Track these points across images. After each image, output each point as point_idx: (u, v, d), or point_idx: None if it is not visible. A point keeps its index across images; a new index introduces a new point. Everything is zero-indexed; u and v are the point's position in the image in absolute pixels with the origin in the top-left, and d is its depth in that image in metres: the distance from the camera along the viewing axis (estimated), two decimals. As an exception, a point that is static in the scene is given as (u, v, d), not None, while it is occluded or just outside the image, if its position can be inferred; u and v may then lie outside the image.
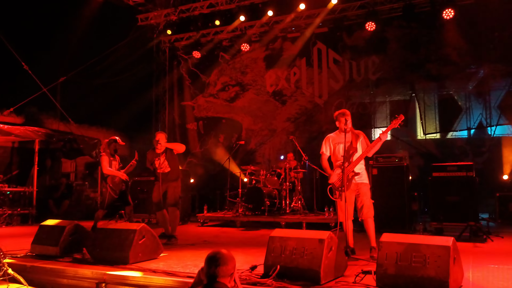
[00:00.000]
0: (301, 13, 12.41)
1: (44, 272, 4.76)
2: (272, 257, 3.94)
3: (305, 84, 13.96)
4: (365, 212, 5.15)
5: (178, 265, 4.70)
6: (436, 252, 3.40)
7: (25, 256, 5.34)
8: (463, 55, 11.58)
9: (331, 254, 3.81)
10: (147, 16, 13.36)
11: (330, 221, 8.27)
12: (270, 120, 14.47)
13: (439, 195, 7.37)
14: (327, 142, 5.55)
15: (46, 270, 4.76)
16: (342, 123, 5.33)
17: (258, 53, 14.15)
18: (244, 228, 8.82)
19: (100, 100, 13.01)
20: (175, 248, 5.97)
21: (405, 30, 12.16)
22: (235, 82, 14.86)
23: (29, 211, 10.29)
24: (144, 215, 10.23)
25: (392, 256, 3.54)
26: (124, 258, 4.73)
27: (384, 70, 12.70)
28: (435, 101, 12.45)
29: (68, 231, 5.33)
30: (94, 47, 12.93)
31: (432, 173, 7.54)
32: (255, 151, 14.62)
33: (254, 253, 5.48)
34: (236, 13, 12.21)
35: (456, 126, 12.15)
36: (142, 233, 4.96)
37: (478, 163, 11.02)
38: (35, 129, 10.36)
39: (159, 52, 14.13)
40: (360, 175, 5.20)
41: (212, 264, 2.74)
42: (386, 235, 3.74)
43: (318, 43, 13.66)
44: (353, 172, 5.15)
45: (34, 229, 8.21)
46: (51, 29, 13.03)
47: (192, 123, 15.59)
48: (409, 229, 7.58)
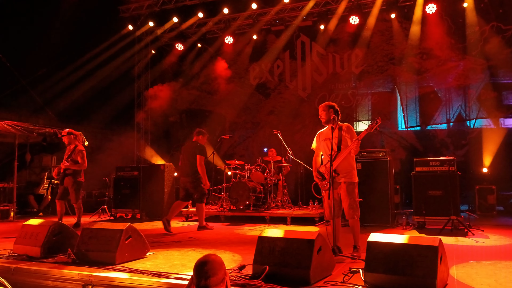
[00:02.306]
0: (286, 6, 12.37)
1: (28, 274, 4.67)
2: (261, 258, 3.94)
3: (289, 77, 13.99)
4: (348, 213, 5.06)
5: (165, 265, 4.67)
6: (423, 252, 3.45)
7: (8, 256, 5.22)
8: (444, 48, 11.75)
9: (320, 254, 3.84)
10: (129, 8, 13.09)
11: (315, 215, 8.33)
12: (254, 113, 14.48)
13: (421, 189, 7.50)
14: (316, 138, 5.45)
15: (30, 271, 4.67)
16: (322, 116, 5.19)
17: (242, 46, 14.08)
18: (229, 223, 8.82)
19: (81, 93, 12.75)
20: (161, 247, 5.93)
21: (388, 24, 12.27)
22: (218, 75, 14.78)
23: (9, 207, 10.08)
24: (127, 210, 10.14)
25: (380, 256, 3.58)
26: (111, 258, 4.68)
27: (367, 63, 12.83)
28: (416, 93, 12.61)
29: (52, 231, 5.22)
30: (74, 39, 12.63)
31: (415, 168, 7.65)
32: (239, 144, 14.62)
33: (241, 250, 5.49)
34: (219, 5, 12.07)
35: (436, 118, 12.34)
36: (128, 233, 4.90)
37: (459, 155, 11.25)
38: (14, 123, 10.10)
39: (141, 44, 13.89)
40: (342, 173, 5.05)
41: (202, 276, 2.71)
42: (374, 235, 3.78)
43: (301, 36, 13.68)
44: (334, 172, 4.98)
45: (15, 225, 8.13)
46: (30, 20, 12.68)
47: (175, 115, 15.47)
48: (392, 223, 7.70)
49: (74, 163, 8.10)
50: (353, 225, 5.10)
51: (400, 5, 11.60)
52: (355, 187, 5.12)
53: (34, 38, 12.42)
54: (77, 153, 8.12)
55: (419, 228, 7.40)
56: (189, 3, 12.49)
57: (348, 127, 5.22)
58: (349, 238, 5.30)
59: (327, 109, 5.19)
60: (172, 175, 10.23)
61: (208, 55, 14.66)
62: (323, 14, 12.20)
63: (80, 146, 8.27)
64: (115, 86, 13.59)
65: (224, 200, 9.49)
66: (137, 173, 10.13)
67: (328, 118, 5.17)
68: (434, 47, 11.82)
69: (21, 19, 12.90)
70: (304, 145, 12.17)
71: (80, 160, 8.09)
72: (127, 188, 10.10)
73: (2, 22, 12.56)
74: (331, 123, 5.11)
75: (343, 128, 5.18)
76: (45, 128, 10.97)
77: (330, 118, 5.14)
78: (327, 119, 5.18)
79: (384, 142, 12.42)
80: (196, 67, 14.84)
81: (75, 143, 8.27)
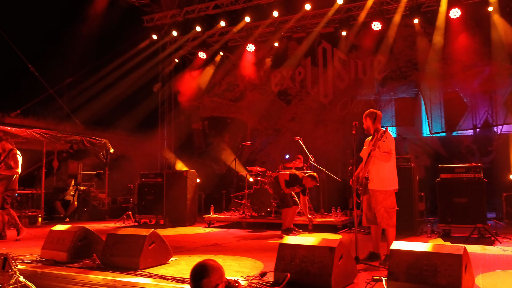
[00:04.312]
0: (307, 13, 12.40)
1: (54, 279, 4.79)
2: (282, 265, 3.95)
3: (310, 83, 13.97)
4: (379, 221, 5.03)
5: (187, 271, 4.66)
6: (447, 261, 3.39)
7: (35, 261, 5.37)
8: (469, 53, 11.55)
9: (342, 262, 3.82)
10: (153, 17, 13.38)
11: (337, 222, 8.26)
12: (275, 119, 14.50)
13: (447, 197, 7.34)
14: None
15: (57, 276, 4.79)
16: (364, 124, 5.30)
17: (263, 53, 14.15)
18: (251, 229, 8.83)
19: (107, 101, 13.05)
20: (184, 253, 6.00)
21: (411, 29, 12.13)
22: (240, 82, 14.89)
23: (37, 213, 10.35)
24: (151, 216, 10.27)
25: (403, 264, 3.54)
26: (134, 264, 4.76)
27: (390, 69, 12.71)
28: (440, 99, 12.40)
29: (78, 237, 5.34)
30: (100, 49, 12.97)
31: (440, 175, 7.51)
32: (260, 151, 14.65)
33: (263, 257, 5.49)
34: (241, 14, 12.18)
35: (462, 124, 12.11)
36: (151, 239, 4.98)
37: (485, 162, 10.98)
38: (42, 131, 10.40)
39: (165, 53, 14.16)
40: (372, 181, 5.03)
41: (195, 277, 2.75)
42: (397, 243, 3.74)
43: (323, 42, 13.66)
44: (364, 179, 5.01)
45: (43, 231, 8.33)
46: (57, 31, 13.07)
47: (198, 123, 15.63)
48: (417, 230, 7.58)
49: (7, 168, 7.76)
50: (386, 234, 5.06)
51: (423, 10, 11.47)
52: (389, 195, 5.06)
53: (61, 48, 12.80)
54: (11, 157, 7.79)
55: (444, 236, 7.26)
56: (211, 12, 12.67)
57: (381, 134, 5.11)
58: (370, 246, 5.26)
59: (365, 118, 5.30)
60: (195, 182, 10.33)
61: (230, 63, 14.79)
62: (344, 21, 12.16)
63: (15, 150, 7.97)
64: (139, 94, 13.89)
65: (245, 207, 9.51)
66: (161, 179, 10.24)
67: (366, 127, 5.28)
68: (458, 52, 11.61)
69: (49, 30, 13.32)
70: (326, 152, 12.14)
71: (13, 164, 7.78)
72: (151, 194, 10.23)
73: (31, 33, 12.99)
74: (371, 131, 5.23)
75: (378, 135, 5.13)
76: (72, 135, 11.25)
77: (368, 126, 5.24)
78: (365, 127, 5.29)
79: (408, 148, 12.22)
80: (218, 75, 14.99)
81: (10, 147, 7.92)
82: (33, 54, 11.61)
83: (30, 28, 13.12)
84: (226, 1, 12.53)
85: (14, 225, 7.84)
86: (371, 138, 5.26)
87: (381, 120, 5.39)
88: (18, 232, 7.77)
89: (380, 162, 5.01)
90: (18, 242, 7.40)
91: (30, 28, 13.12)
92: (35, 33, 13.15)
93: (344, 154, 10.52)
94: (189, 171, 10.24)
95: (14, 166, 7.78)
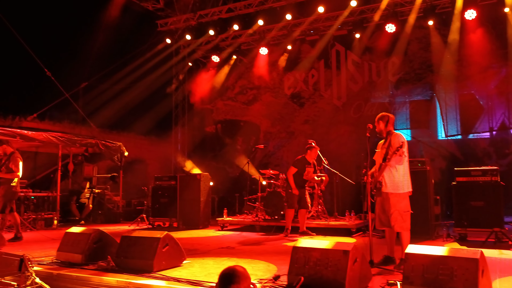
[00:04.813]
0: (320, 16, 12.38)
1: (70, 280, 4.83)
2: (296, 268, 3.93)
3: (324, 86, 13.92)
4: (393, 224, 4.98)
5: (201, 274, 4.72)
6: (463, 265, 3.33)
7: (51, 263, 5.43)
8: (485, 55, 11.39)
9: (356, 265, 3.78)
10: (167, 22, 13.51)
11: (351, 226, 8.20)
12: (288, 122, 14.47)
13: (463, 200, 7.24)
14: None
15: (72, 278, 4.83)
16: (376, 128, 5.28)
17: (276, 56, 14.17)
18: (264, 233, 8.81)
19: (121, 104, 13.21)
20: (197, 255, 6.01)
21: (426, 31, 12.02)
22: (253, 85, 14.93)
23: (53, 216, 10.48)
24: (165, 219, 10.32)
25: (419, 269, 3.49)
26: (148, 266, 4.78)
27: (404, 71, 12.60)
28: (456, 101, 12.25)
29: (92, 239, 5.39)
30: (115, 53, 13.15)
31: (456, 178, 7.42)
32: (273, 154, 14.63)
33: (276, 260, 5.47)
34: (254, 17, 12.22)
35: (478, 127, 11.93)
36: (165, 241, 4.99)
37: (502, 165, 10.80)
38: (58, 134, 10.52)
39: (178, 57, 14.28)
40: (386, 184, 5.00)
41: (224, 282, 2.73)
42: (412, 247, 3.69)
43: (336, 45, 13.61)
44: (379, 182, 5.00)
45: (58, 233, 8.40)
46: (73, 35, 13.29)
47: (211, 126, 15.70)
48: (432, 234, 7.48)
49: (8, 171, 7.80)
50: (401, 237, 5.02)
51: (438, 11, 11.36)
52: (403, 198, 5.03)
53: (77, 52, 13.01)
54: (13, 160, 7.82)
55: (460, 240, 7.15)
56: (224, 16, 12.74)
57: (393, 137, 5.13)
58: (385, 250, 5.20)
59: (377, 121, 5.28)
60: (208, 185, 10.36)
61: (243, 66, 14.84)
62: (358, 23, 12.10)
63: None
64: (154, 98, 14.03)
65: (259, 210, 9.50)
66: (174, 182, 10.30)
67: (379, 130, 5.26)
68: (474, 53, 11.46)
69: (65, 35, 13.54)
70: (340, 155, 12.07)
71: (14, 168, 7.79)
72: (165, 197, 10.28)
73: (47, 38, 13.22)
74: (383, 134, 5.23)
75: (391, 138, 5.13)
76: (87, 139, 11.38)
77: (381, 130, 5.24)
78: (378, 131, 5.27)
79: (423, 151, 12.09)
80: (232, 79, 15.05)
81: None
82: (50, 58, 11.80)
83: (47, 33, 13.35)
84: (239, 5, 12.59)
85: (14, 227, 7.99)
86: (383, 141, 5.24)
87: (394, 123, 5.36)
88: (15, 235, 7.87)
89: (393, 166, 4.99)
90: (34, 243, 7.50)
91: (46, 33, 13.36)
92: (51, 38, 13.38)
93: (358, 157, 10.44)
94: (203, 174, 10.28)
95: (15, 169, 7.80)
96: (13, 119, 12.01)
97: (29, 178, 11.21)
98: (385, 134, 5.21)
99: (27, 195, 10.03)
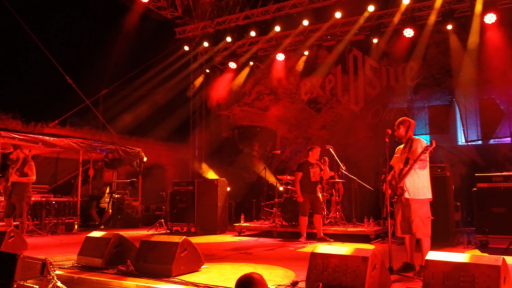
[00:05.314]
0: (337, 21, 12.38)
1: (90, 284, 4.90)
2: (314, 274, 3.92)
3: (341, 91, 13.87)
4: (414, 231, 4.92)
5: (219, 279, 4.74)
6: (485, 271, 3.28)
7: (71, 267, 5.51)
8: (505, 59, 11.21)
9: (375, 272, 3.76)
10: (185, 29, 13.69)
11: (370, 233, 8.12)
12: (305, 128, 14.45)
13: (484, 206, 7.11)
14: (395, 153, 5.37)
15: (92, 282, 4.90)
16: (396, 132, 5.23)
17: (293, 62, 14.19)
18: (282, 238, 8.79)
19: (140, 111, 13.41)
20: (215, 261, 6.03)
21: (444, 35, 11.90)
22: (270, 91, 14.97)
23: (73, 220, 10.66)
24: (183, 224, 10.39)
25: (439, 275, 3.45)
26: (167, 270, 4.82)
27: (422, 75, 12.48)
28: (476, 106, 12.06)
29: (112, 243, 5.46)
30: (134, 60, 13.36)
31: (477, 184, 7.30)
32: (290, 159, 14.61)
33: (294, 266, 5.46)
34: (271, 24, 12.28)
35: (499, 132, 11.72)
36: (184, 246, 5.03)
37: (525, 171, 10.57)
38: (79, 140, 10.72)
39: (196, 64, 14.44)
40: (408, 191, 4.94)
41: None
42: (433, 253, 3.65)
43: (354, 50, 13.57)
44: (400, 188, 4.92)
45: (78, 237, 8.55)
46: (93, 43, 13.56)
47: (228, 132, 15.78)
48: (453, 241, 7.37)
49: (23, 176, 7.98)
50: (421, 244, 4.96)
51: (457, 16, 11.24)
52: (424, 204, 4.98)
53: (97, 60, 13.25)
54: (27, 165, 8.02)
55: (481, 247, 7.02)
56: (242, 23, 12.84)
57: (415, 142, 5.07)
58: (404, 257, 5.15)
59: (397, 126, 5.23)
60: (225, 190, 10.39)
61: (260, 72, 14.90)
62: (375, 28, 12.06)
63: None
64: (172, 104, 14.20)
65: (276, 216, 9.49)
66: (192, 187, 10.37)
67: (398, 135, 5.21)
68: (494, 57, 11.29)
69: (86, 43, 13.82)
70: (358, 160, 12.00)
71: (30, 172, 8.01)
72: (183, 202, 10.36)
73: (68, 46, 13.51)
74: (403, 140, 5.19)
75: (413, 144, 5.07)
76: (107, 145, 11.57)
77: (401, 135, 5.19)
78: (397, 135, 5.23)
79: (443, 157, 11.92)
80: (249, 85, 15.13)
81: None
82: (71, 66, 12.05)
83: (68, 41, 13.65)
84: (256, 11, 12.67)
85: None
86: (403, 146, 5.19)
87: (414, 129, 5.31)
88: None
89: (413, 172, 4.92)
90: (55, 248, 7.63)
91: (68, 41, 13.66)
92: (72, 46, 13.67)
93: (376, 163, 10.35)
94: (220, 180, 10.32)
95: (30, 174, 8.01)
96: (35, 126, 12.28)
97: (51, 184, 11.44)
98: (405, 140, 5.16)
99: (48, 200, 10.20)
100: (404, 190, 4.93)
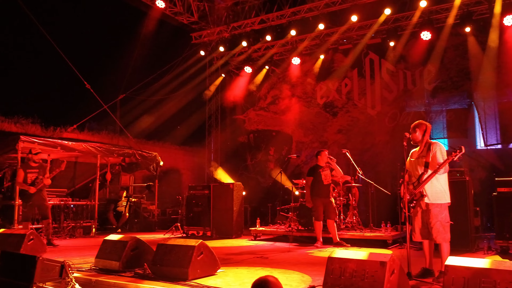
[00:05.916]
0: (353, 25, 12.32)
1: (107, 287, 4.95)
2: (331, 279, 3.87)
3: (357, 95, 13.78)
4: (435, 236, 4.86)
5: (235, 283, 4.74)
6: (507, 277, 3.21)
7: (89, 269, 5.58)
8: (526, 61, 11.01)
9: (393, 277, 3.70)
10: (201, 34, 13.79)
11: (388, 237, 8.01)
12: (321, 132, 14.38)
13: (504, 211, 6.97)
14: (409, 157, 5.29)
15: (110, 284, 4.94)
16: (412, 135, 5.15)
17: (309, 66, 14.17)
18: (298, 243, 8.75)
19: (157, 115, 13.55)
20: (231, 264, 6.03)
21: (462, 38, 11.74)
22: (285, 95, 14.95)
23: (91, 224, 10.78)
24: (199, 228, 10.42)
25: (459, 282, 3.38)
26: (184, 274, 4.83)
27: (440, 79, 12.32)
28: (495, 109, 11.85)
29: (130, 246, 5.51)
30: (151, 65, 13.52)
31: (497, 188, 7.16)
32: (306, 164, 14.54)
33: (311, 271, 5.43)
34: (287, 28, 12.28)
35: (519, 136, 11.49)
36: (200, 250, 5.05)
37: (546, 175, 10.33)
38: (97, 145, 10.87)
39: (212, 68, 14.54)
40: (428, 195, 4.87)
41: None
42: (452, 259, 3.58)
43: (370, 53, 13.47)
44: (420, 193, 4.86)
45: (96, 241, 8.64)
46: (111, 49, 13.76)
47: (243, 136, 15.81)
48: (472, 247, 7.23)
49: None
50: (440, 249, 4.90)
51: (475, 18, 11.09)
52: (444, 209, 4.92)
53: (115, 65, 13.45)
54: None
55: (502, 253, 6.87)
56: (257, 28, 12.88)
57: (434, 145, 5.01)
58: (423, 262, 5.07)
59: (413, 129, 5.16)
60: (241, 194, 10.39)
61: (275, 77, 14.92)
62: (392, 31, 11.96)
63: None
64: (188, 109, 14.30)
65: (291, 220, 9.44)
66: (208, 191, 10.39)
67: (414, 138, 5.15)
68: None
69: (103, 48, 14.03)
70: (374, 165, 11.90)
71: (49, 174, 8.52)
72: (199, 206, 10.39)
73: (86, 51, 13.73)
74: (419, 143, 5.11)
75: (431, 147, 4.99)
76: (124, 149, 11.69)
77: (417, 138, 5.11)
78: (413, 139, 5.16)
79: (462, 161, 11.71)
80: (264, 89, 15.16)
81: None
82: (89, 71, 12.24)
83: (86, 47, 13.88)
84: (272, 16, 12.69)
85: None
86: (418, 149, 5.12)
87: (430, 133, 5.23)
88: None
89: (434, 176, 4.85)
90: (73, 250, 7.72)
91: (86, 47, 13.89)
92: (91, 51, 13.89)
93: (393, 167, 10.23)
94: (235, 184, 10.32)
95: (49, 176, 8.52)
96: (54, 130, 12.47)
97: (69, 187, 11.59)
98: (422, 144, 5.08)
99: (66, 204, 10.34)
100: (424, 194, 4.86)
